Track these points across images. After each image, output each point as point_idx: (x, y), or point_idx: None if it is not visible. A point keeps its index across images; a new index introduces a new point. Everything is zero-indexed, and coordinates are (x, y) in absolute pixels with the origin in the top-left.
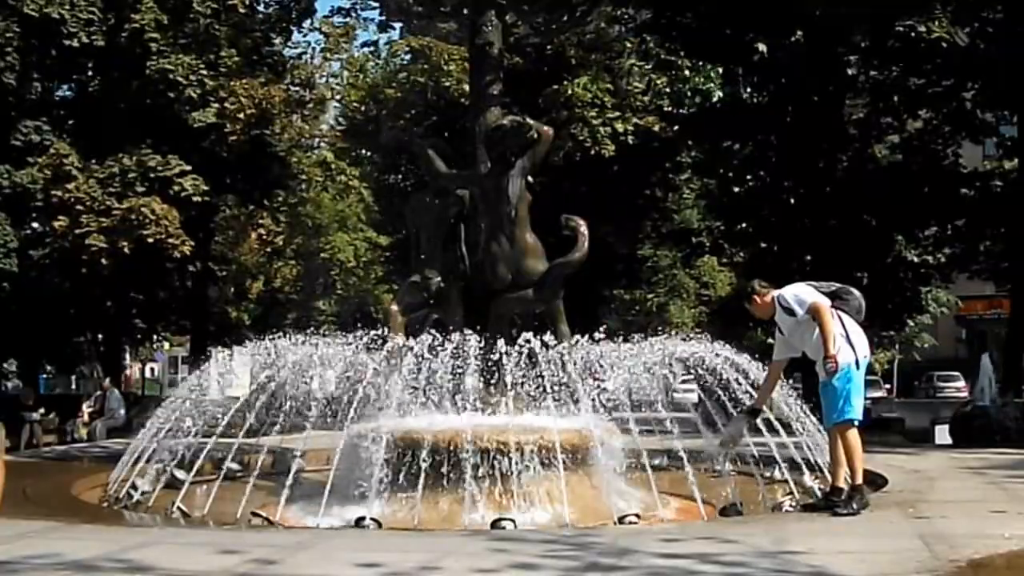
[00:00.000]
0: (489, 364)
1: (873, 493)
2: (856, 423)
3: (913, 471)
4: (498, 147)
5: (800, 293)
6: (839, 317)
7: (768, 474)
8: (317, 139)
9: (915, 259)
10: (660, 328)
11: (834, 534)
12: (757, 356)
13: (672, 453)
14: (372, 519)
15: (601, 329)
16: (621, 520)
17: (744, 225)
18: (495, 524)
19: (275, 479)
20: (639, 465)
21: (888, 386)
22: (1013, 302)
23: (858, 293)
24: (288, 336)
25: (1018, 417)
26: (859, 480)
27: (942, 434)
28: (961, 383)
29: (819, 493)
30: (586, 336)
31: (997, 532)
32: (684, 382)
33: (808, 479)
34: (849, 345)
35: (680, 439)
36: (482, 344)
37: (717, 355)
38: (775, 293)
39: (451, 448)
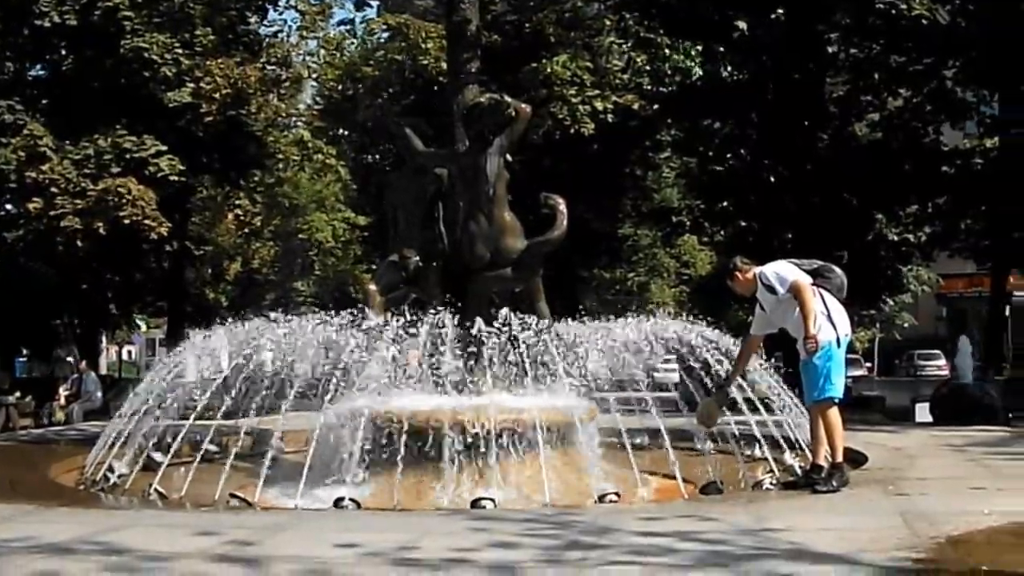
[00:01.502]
0: (468, 343)
1: (853, 471)
2: (836, 401)
3: (894, 449)
4: (476, 125)
5: (781, 271)
6: (820, 295)
7: (749, 452)
8: (294, 118)
9: (895, 237)
10: (640, 307)
11: (814, 512)
12: (737, 335)
13: (653, 432)
14: (351, 500)
15: (581, 309)
16: (601, 499)
17: (724, 204)
18: (475, 504)
19: (253, 461)
20: (620, 444)
21: (869, 364)
22: (994, 280)
23: (839, 271)
24: (266, 317)
25: (998, 395)
26: (839, 458)
27: (923, 412)
28: (942, 361)
29: (799, 471)
30: (567, 315)
31: (977, 509)
32: (666, 361)
33: (788, 457)
34: (830, 323)
35: (661, 418)
36: (461, 323)
37: (697, 334)
38: (757, 270)
39: (430, 428)
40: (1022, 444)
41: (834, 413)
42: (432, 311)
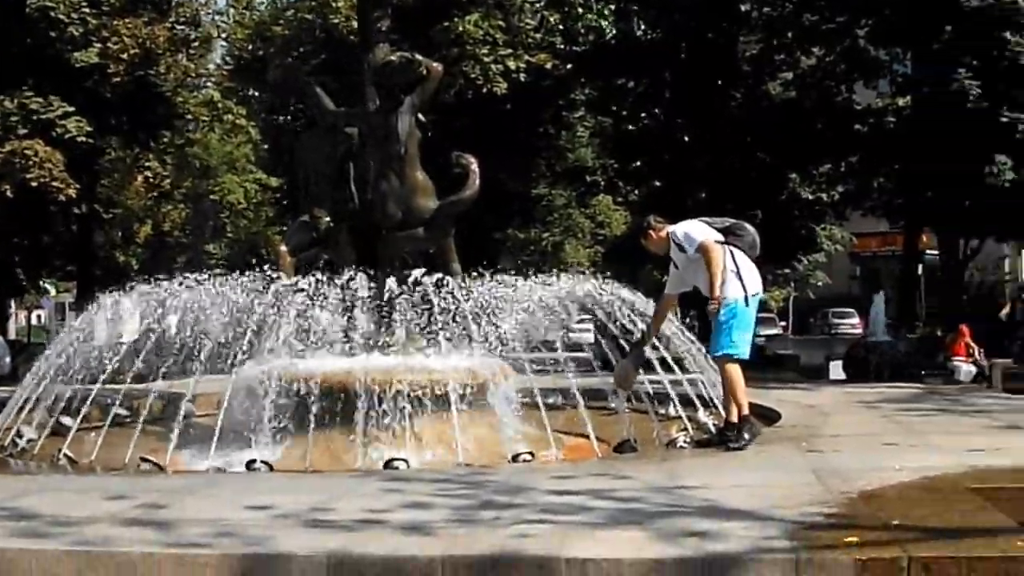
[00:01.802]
0: (380, 304)
1: (767, 428)
2: (736, 358)
3: (807, 406)
4: (387, 84)
5: (691, 231)
6: (731, 253)
7: (663, 411)
8: (203, 78)
9: (809, 196)
10: (556, 268)
11: (728, 469)
12: (651, 295)
13: (567, 392)
14: (263, 462)
15: (496, 270)
16: (515, 459)
17: (638, 163)
18: (388, 464)
19: (164, 424)
20: (534, 404)
21: (784, 323)
22: (906, 239)
23: (751, 229)
24: (177, 280)
25: (911, 352)
26: (744, 412)
27: (836, 370)
28: (856, 320)
29: (713, 429)
30: (481, 276)
31: (889, 464)
32: (580, 321)
33: (702, 415)
34: (739, 281)
35: (575, 378)
36: (373, 283)
37: (611, 294)
38: (669, 229)
39: (343, 390)
40: (934, 400)
41: (733, 369)
42: (344, 272)
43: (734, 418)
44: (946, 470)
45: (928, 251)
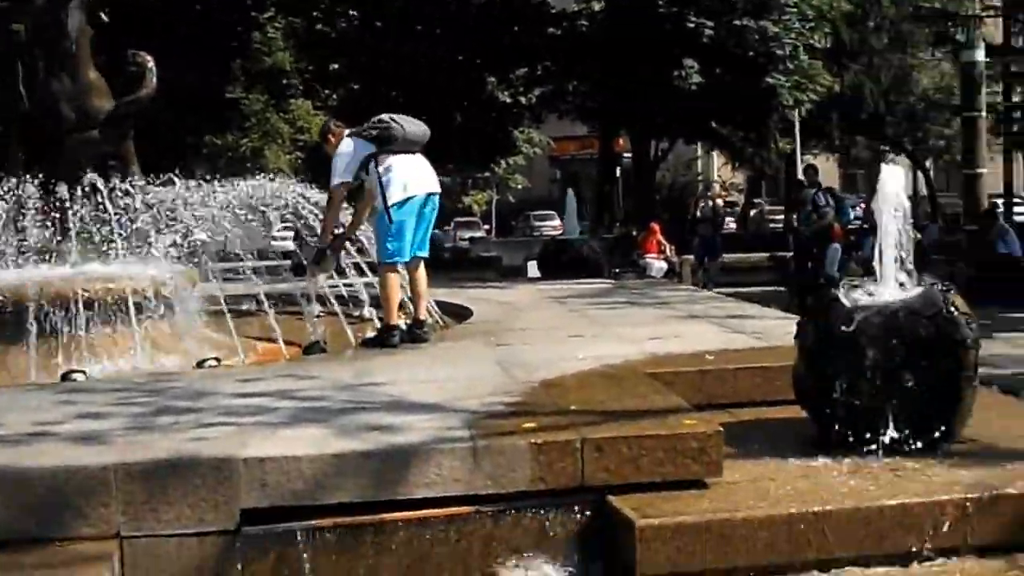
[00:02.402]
0: (54, 211)
1: (459, 324)
2: (394, 264)
3: (499, 303)
4: None
5: (339, 158)
6: (388, 163)
7: (357, 313)
8: None
9: (507, 99)
10: (255, 174)
11: (416, 364)
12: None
13: (260, 298)
14: None
15: (191, 176)
16: (200, 365)
17: (335, 66)
18: (65, 377)
19: None
20: (224, 311)
21: (487, 227)
22: (602, 142)
23: (407, 120)
24: None
25: (605, 250)
26: (392, 321)
27: (534, 269)
28: (556, 222)
29: (405, 327)
30: (171, 181)
31: (572, 354)
32: (284, 228)
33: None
34: (382, 193)
35: (267, 284)
36: (46, 190)
37: (298, 195)
38: (347, 132)
39: (16, 301)
40: (621, 294)
41: (389, 277)
42: (15, 177)
43: (422, 314)
44: (626, 358)
45: (624, 154)
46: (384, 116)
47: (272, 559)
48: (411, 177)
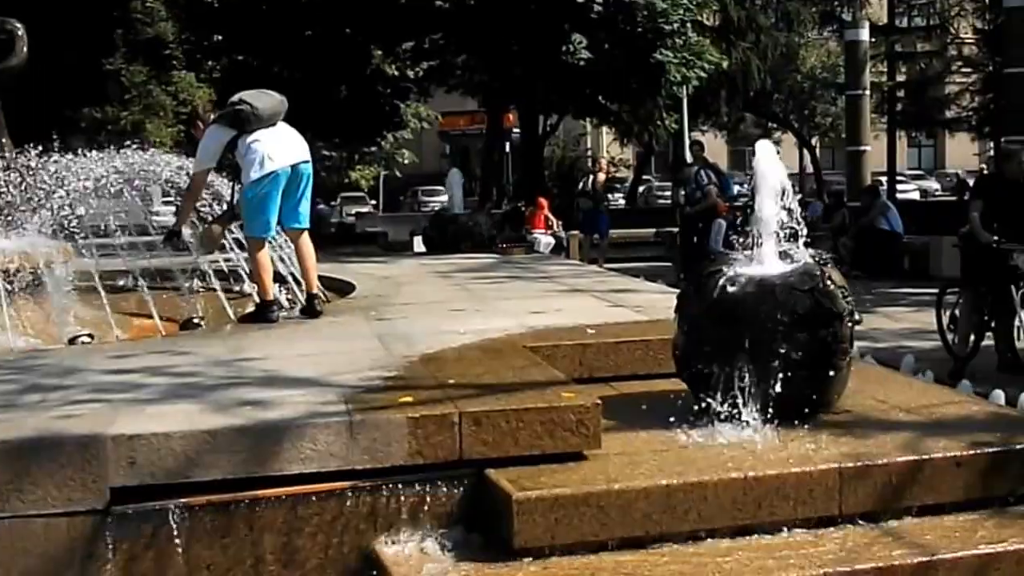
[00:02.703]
0: None
1: (340, 299)
2: (261, 238)
3: (382, 277)
4: None
5: (202, 145)
6: (249, 142)
7: (238, 288)
8: None
9: (394, 73)
10: (137, 148)
11: (293, 340)
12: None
13: (139, 273)
14: None
15: (70, 150)
16: (73, 341)
17: (219, 37)
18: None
19: None
20: (98, 287)
21: (374, 202)
22: (490, 117)
23: (256, 96)
24: None
25: (491, 224)
26: (268, 297)
27: (419, 244)
28: (444, 197)
29: (286, 303)
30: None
31: (453, 329)
32: (165, 204)
33: (277, 291)
34: (259, 160)
35: (146, 259)
36: None
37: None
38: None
39: None
40: (505, 269)
41: (258, 253)
42: None
43: (314, 288)
44: (508, 331)
45: (514, 129)
46: (235, 97)
47: (144, 538)
48: (272, 151)
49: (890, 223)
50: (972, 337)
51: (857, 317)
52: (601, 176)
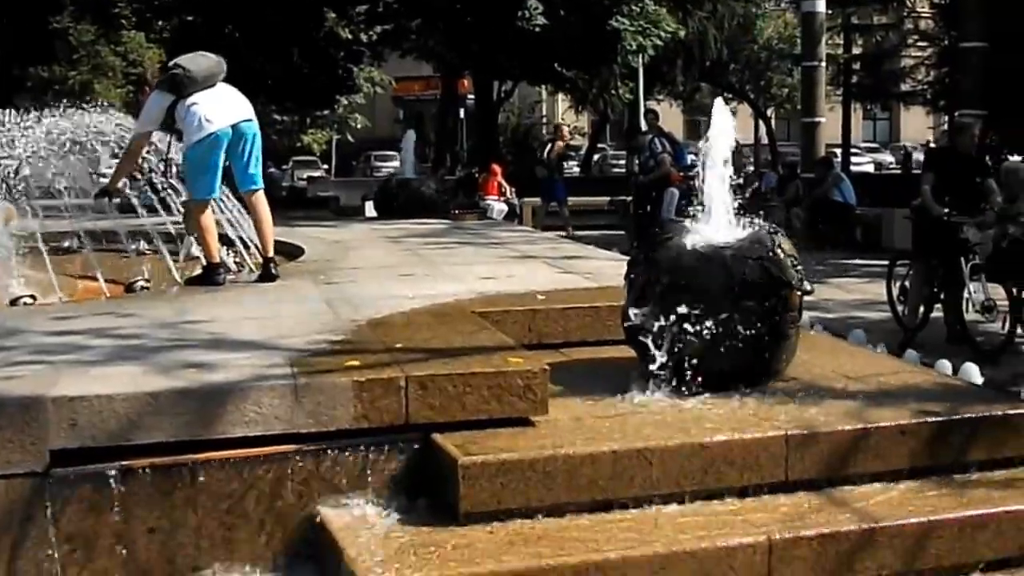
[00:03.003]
0: None
1: (288, 263)
2: (202, 201)
3: (332, 242)
4: None
5: (144, 109)
6: (187, 104)
7: (185, 252)
8: None
9: (348, 36)
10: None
11: (240, 303)
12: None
13: (84, 235)
14: None
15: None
16: (14, 303)
17: None
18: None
19: None
20: (42, 249)
21: (326, 166)
22: (444, 82)
23: (191, 60)
24: None
25: (444, 190)
26: (214, 258)
27: (371, 209)
28: (397, 162)
29: (235, 266)
30: None
31: (402, 293)
32: (112, 165)
33: (225, 255)
34: (197, 122)
35: (91, 221)
36: None
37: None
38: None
39: None
40: (456, 234)
41: (201, 215)
42: None
43: (270, 252)
44: (457, 297)
45: (469, 95)
46: (172, 62)
47: (84, 501)
48: (209, 113)
49: (843, 195)
50: (922, 309)
51: (808, 287)
52: (560, 143)
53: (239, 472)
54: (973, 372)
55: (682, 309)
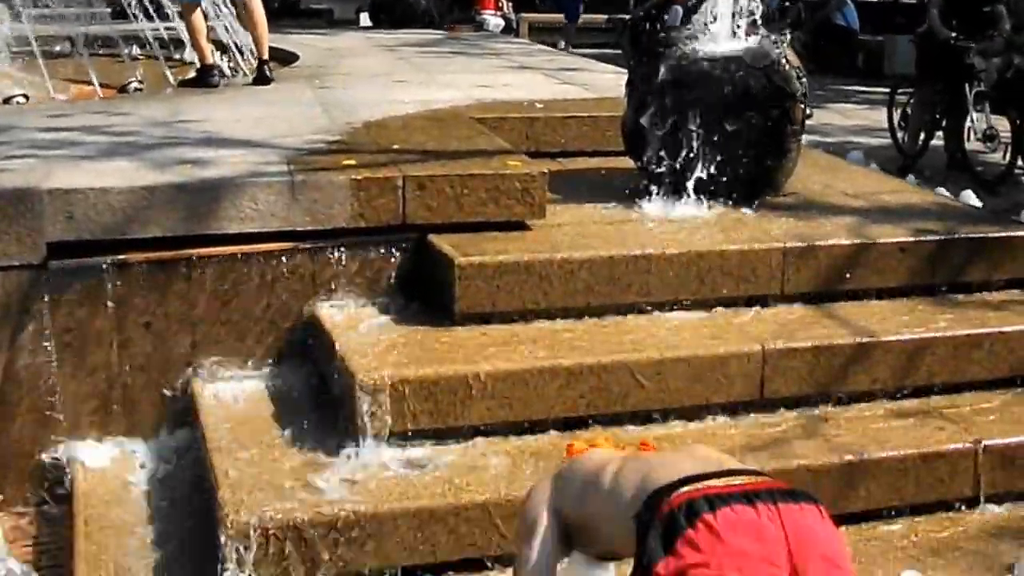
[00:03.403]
0: None
1: (283, 68)
2: (193, 4)
3: (326, 49)
4: None
5: None
6: None
7: (178, 56)
8: None
9: None
10: None
11: (234, 104)
12: None
13: (78, 40)
14: None
15: None
16: (7, 102)
17: None
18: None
19: None
20: (35, 52)
21: None
22: None
23: None
24: None
25: (439, 4)
26: (207, 60)
27: (365, 20)
28: None
29: (228, 70)
30: None
31: (398, 98)
32: None
33: (219, 58)
34: None
35: (82, 25)
36: None
37: None
38: None
39: None
40: (452, 45)
41: (194, 17)
42: None
43: (265, 54)
44: (453, 103)
45: None
46: None
47: (81, 293)
48: None
49: (846, 19)
50: (922, 135)
51: (808, 112)
52: None
53: (235, 268)
54: (972, 200)
55: (683, 120)
